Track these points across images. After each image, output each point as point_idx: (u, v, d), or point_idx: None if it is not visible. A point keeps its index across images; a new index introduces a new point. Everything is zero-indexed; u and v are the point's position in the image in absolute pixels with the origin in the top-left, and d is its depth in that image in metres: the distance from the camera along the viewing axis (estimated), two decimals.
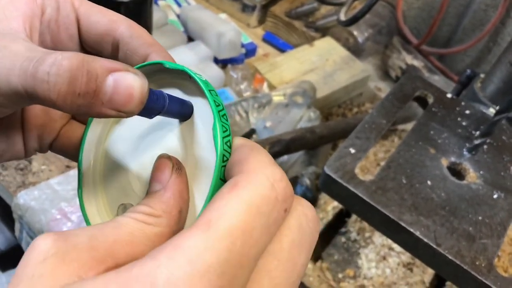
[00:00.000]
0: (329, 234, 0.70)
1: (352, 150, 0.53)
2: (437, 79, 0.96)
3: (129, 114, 0.23)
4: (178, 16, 0.98)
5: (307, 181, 0.71)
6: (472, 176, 0.55)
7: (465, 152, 0.56)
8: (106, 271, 0.19)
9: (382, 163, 0.79)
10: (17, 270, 0.19)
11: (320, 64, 0.94)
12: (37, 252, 0.19)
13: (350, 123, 0.81)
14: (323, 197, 0.74)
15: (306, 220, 0.22)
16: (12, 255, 0.99)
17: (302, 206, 0.22)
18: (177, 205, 0.23)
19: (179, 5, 1.01)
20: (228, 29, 0.89)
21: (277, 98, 0.81)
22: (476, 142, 0.55)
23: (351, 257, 0.68)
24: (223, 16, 1.02)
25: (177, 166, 0.24)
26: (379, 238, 0.70)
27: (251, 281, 0.20)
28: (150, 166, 0.24)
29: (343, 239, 0.70)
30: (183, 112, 0.24)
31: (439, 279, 0.68)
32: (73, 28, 0.28)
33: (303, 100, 0.81)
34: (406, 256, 0.68)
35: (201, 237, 0.18)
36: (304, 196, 0.70)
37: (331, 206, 0.72)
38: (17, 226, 0.73)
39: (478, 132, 0.58)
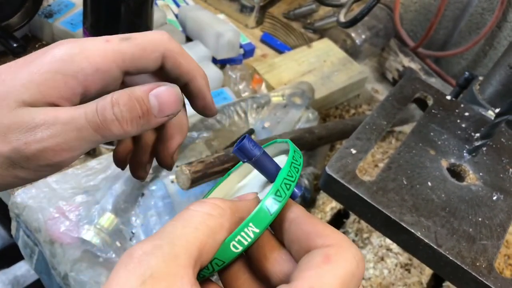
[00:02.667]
0: None
1: (353, 151, 0.53)
2: (433, 82, 0.96)
3: (176, 114, 0.31)
4: (176, 16, 0.98)
5: (305, 181, 0.71)
6: (472, 177, 0.55)
7: (465, 154, 0.57)
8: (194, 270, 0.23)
9: (380, 165, 0.80)
10: (111, 281, 0.22)
11: (318, 66, 0.94)
12: (136, 276, 0.22)
13: (347, 124, 0.81)
14: (321, 198, 0.74)
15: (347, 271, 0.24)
16: (7, 254, 0.98)
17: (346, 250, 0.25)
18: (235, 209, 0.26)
19: (177, 5, 1.01)
20: (227, 30, 0.89)
21: (275, 98, 0.81)
22: (476, 144, 0.55)
23: None
24: (222, 16, 1.02)
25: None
26: (377, 239, 0.70)
27: None
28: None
29: None
30: (272, 172, 0.29)
31: (436, 280, 0.68)
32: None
33: (301, 101, 0.82)
34: (403, 257, 0.68)
35: None
36: (302, 196, 0.70)
37: (329, 207, 0.72)
38: (13, 224, 0.72)
39: (477, 134, 0.58)
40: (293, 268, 0.25)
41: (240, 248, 0.25)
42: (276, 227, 0.27)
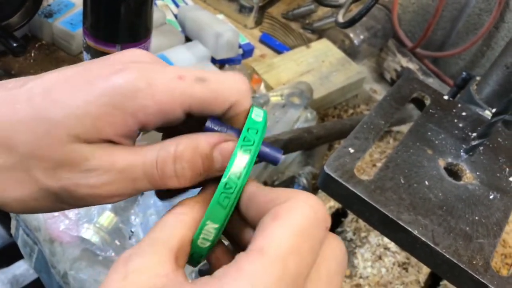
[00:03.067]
0: None
1: (351, 150, 0.54)
2: (431, 82, 0.97)
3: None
4: (175, 16, 0.98)
5: (304, 181, 0.72)
6: (469, 176, 0.56)
7: (462, 153, 0.57)
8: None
9: (378, 164, 0.80)
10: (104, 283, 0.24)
11: (316, 66, 0.94)
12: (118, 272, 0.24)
13: (346, 124, 0.82)
14: (319, 197, 0.74)
15: (338, 250, 0.25)
16: (6, 254, 0.98)
17: (333, 238, 0.25)
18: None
19: (176, 5, 1.02)
20: (226, 30, 0.90)
21: (274, 98, 0.82)
22: (473, 143, 0.55)
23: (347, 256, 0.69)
24: (221, 16, 1.02)
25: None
26: (374, 238, 0.71)
27: None
28: None
29: None
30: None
31: (433, 279, 0.69)
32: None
33: (300, 101, 0.82)
34: (401, 256, 0.69)
35: (258, 262, 0.21)
36: None
37: (328, 206, 0.73)
38: (13, 223, 0.72)
39: (474, 134, 0.59)
40: None
41: (208, 244, 0.26)
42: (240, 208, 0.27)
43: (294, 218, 0.22)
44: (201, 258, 0.27)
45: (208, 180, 0.29)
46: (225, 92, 0.28)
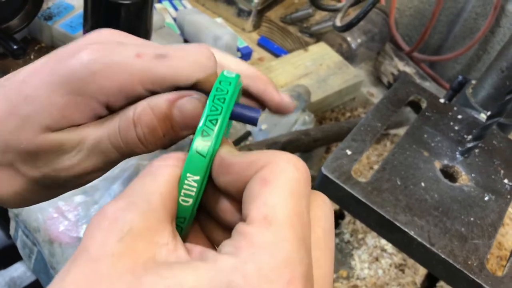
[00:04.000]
0: None
1: (349, 152, 0.54)
2: (428, 86, 0.98)
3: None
4: (174, 19, 0.99)
5: None
6: (464, 178, 0.56)
7: (457, 155, 0.58)
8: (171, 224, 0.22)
9: (375, 166, 0.81)
10: (87, 244, 0.20)
11: (314, 69, 0.95)
12: (114, 228, 0.21)
13: (343, 126, 0.82)
14: None
15: (327, 207, 0.24)
16: (4, 255, 0.99)
17: (319, 195, 0.24)
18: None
19: (175, 8, 1.02)
20: (225, 33, 0.90)
21: None
22: (469, 145, 0.56)
23: (344, 258, 0.69)
24: (219, 20, 1.03)
25: None
26: (371, 240, 0.71)
27: None
28: None
29: (336, 241, 0.71)
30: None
31: (430, 280, 0.69)
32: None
33: (298, 103, 0.83)
34: (398, 257, 0.70)
35: (268, 231, 0.20)
36: None
37: None
38: (12, 224, 0.73)
39: (470, 136, 0.59)
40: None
41: (190, 201, 0.24)
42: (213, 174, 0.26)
43: (284, 181, 0.22)
44: (183, 224, 0.24)
45: None
46: (187, 68, 0.27)
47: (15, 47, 0.75)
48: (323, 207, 0.24)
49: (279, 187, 0.21)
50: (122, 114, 0.27)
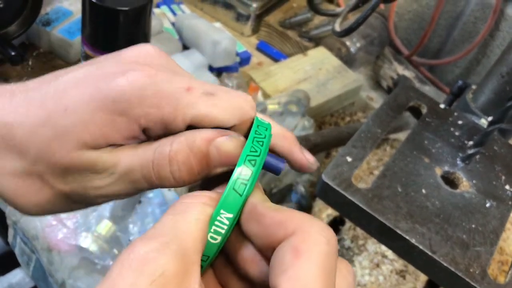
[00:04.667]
0: None
1: (349, 159, 0.54)
2: (427, 90, 0.98)
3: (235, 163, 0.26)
4: (173, 24, 0.99)
5: (301, 189, 0.72)
6: (465, 185, 0.56)
7: (458, 162, 0.57)
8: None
9: (375, 172, 0.81)
10: (116, 282, 0.20)
11: (313, 74, 0.95)
12: (151, 268, 0.20)
13: (343, 131, 0.82)
14: (317, 205, 0.75)
15: (351, 278, 0.24)
16: (2, 262, 0.98)
17: (344, 264, 0.25)
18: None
19: (174, 13, 1.02)
20: (223, 38, 0.90)
21: (272, 106, 0.82)
22: (470, 152, 0.56)
23: None
24: (218, 24, 1.03)
25: None
26: (372, 246, 0.71)
27: None
28: None
29: None
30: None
31: (431, 287, 0.69)
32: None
33: (297, 108, 0.82)
34: (399, 264, 0.69)
35: None
36: (298, 204, 0.71)
37: (325, 213, 0.73)
38: (10, 232, 0.72)
39: (471, 142, 0.59)
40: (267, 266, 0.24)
41: (219, 239, 0.24)
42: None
43: (316, 255, 0.22)
44: (205, 262, 0.24)
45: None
46: (230, 111, 0.27)
47: (13, 53, 0.74)
48: (348, 278, 0.24)
49: (312, 262, 0.21)
50: (157, 147, 0.27)
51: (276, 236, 0.23)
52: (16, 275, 1.07)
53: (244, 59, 0.98)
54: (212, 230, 0.23)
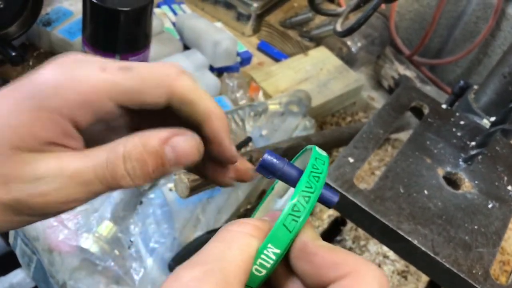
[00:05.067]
0: None
1: (351, 160, 0.54)
2: (428, 90, 0.97)
3: (193, 163, 0.27)
4: (174, 24, 0.98)
5: None
6: (468, 185, 0.56)
7: (460, 162, 0.57)
8: None
9: (377, 172, 0.81)
10: None
11: (314, 73, 0.95)
12: None
13: (344, 132, 0.82)
14: (318, 205, 0.75)
15: None
16: (3, 262, 0.98)
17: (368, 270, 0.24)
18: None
19: (174, 13, 1.02)
20: (224, 38, 0.90)
21: (273, 106, 0.82)
22: (472, 152, 0.56)
23: None
24: (219, 24, 1.03)
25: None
26: (373, 246, 0.71)
27: None
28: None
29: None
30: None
31: (433, 287, 0.69)
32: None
33: (298, 109, 0.82)
34: (400, 264, 0.69)
35: None
36: None
37: (327, 214, 0.73)
38: (11, 233, 0.72)
39: (473, 143, 0.59)
40: None
41: (264, 272, 0.23)
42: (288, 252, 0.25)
43: None
44: None
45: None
46: (152, 77, 0.27)
47: (13, 54, 0.74)
48: None
49: None
50: (111, 148, 0.26)
51: (327, 277, 0.23)
52: (18, 275, 1.07)
53: (245, 59, 0.97)
54: (257, 263, 0.23)
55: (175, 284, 0.21)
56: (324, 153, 0.27)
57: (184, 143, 0.26)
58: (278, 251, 0.23)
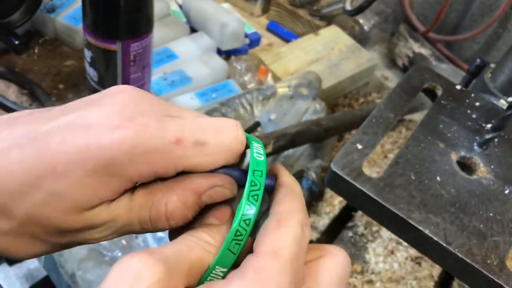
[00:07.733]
0: (335, 229, 0.69)
1: (359, 146, 0.52)
2: (444, 67, 0.94)
3: None
4: (180, 6, 0.96)
5: (313, 175, 0.70)
6: (483, 170, 0.53)
7: (475, 146, 0.55)
8: None
9: (390, 155, 0.78)
10: None
11: (325, 54, 0.92)
12: (137, 279, 0.22)
13: (356, 114, 0.80)
14: (329, 191, 0.73)
15: (341, 264, 0.27)
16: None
17: (336, 251, 0.28)
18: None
19: None
20: (231, 20, 0.88)
21: (281, 90, 0.80)
22: (488, 136, 0.53)
23: (358, 252, 0.67)
24: (226, 5, 1.00)
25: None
26: (386, 232, 0.69)
27: None
28: None
29: (350, 234, 0.69)
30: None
31: (448, 273, 0.67)
32: None
33: (308, 91, 0.80)
34: (414, 250, 0.67)
35: (274, 262, 0.24)
36: (310, 190, 0.69)
37: (338, 200, 0.71)
38: None
39: (488, 125, 0.56)
40: None
41: None
42: None
43: (294, 230, 0.25)
44: None
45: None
46: (220, 157, 0.28)
47: (16, 42, 0.73)
48: (337, 264, 0.27)
49: (290, 232, 0.25)
50: (152, 206, 0.27)
51: (274, 209, 0.27)
52: (34, 261, 1.09)
53: (254, 41, 0.95)
54: (209, 279, 0.26)
55: (126, 270, 0.23)
56: (261, 157, 0.28)
57: (220, 195, 0.28)
58: (225, 270, 0.26)
